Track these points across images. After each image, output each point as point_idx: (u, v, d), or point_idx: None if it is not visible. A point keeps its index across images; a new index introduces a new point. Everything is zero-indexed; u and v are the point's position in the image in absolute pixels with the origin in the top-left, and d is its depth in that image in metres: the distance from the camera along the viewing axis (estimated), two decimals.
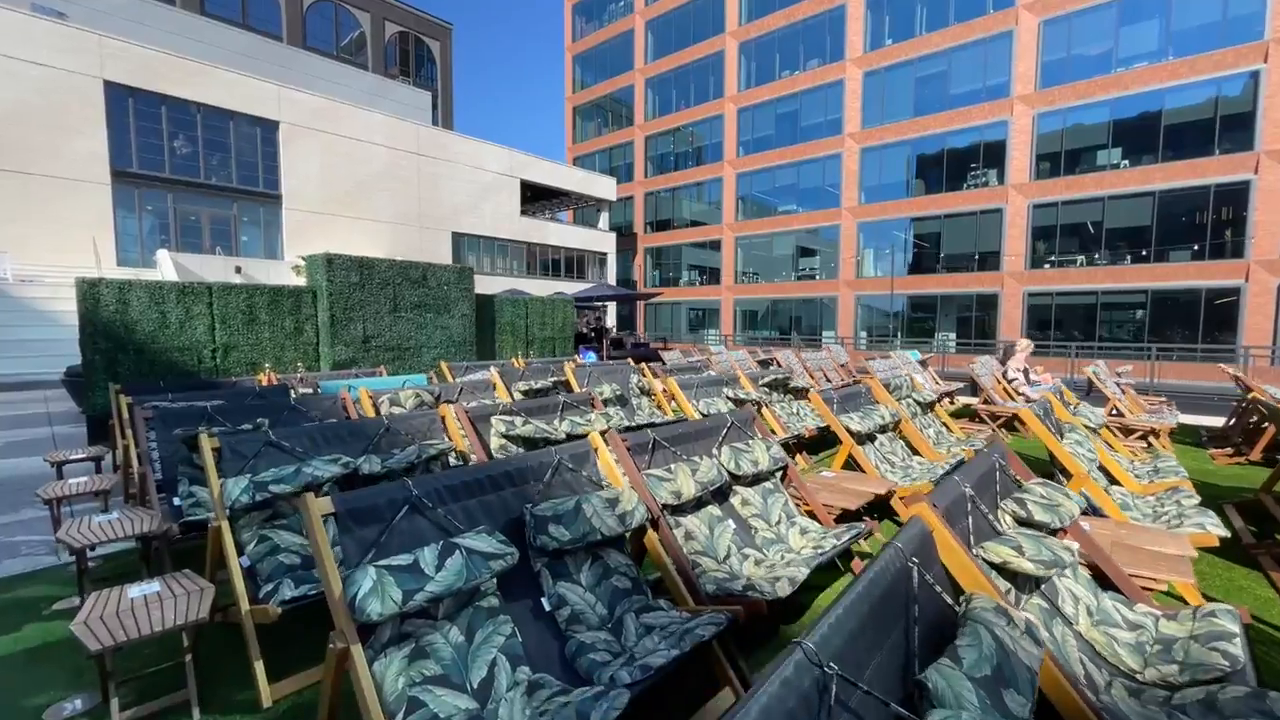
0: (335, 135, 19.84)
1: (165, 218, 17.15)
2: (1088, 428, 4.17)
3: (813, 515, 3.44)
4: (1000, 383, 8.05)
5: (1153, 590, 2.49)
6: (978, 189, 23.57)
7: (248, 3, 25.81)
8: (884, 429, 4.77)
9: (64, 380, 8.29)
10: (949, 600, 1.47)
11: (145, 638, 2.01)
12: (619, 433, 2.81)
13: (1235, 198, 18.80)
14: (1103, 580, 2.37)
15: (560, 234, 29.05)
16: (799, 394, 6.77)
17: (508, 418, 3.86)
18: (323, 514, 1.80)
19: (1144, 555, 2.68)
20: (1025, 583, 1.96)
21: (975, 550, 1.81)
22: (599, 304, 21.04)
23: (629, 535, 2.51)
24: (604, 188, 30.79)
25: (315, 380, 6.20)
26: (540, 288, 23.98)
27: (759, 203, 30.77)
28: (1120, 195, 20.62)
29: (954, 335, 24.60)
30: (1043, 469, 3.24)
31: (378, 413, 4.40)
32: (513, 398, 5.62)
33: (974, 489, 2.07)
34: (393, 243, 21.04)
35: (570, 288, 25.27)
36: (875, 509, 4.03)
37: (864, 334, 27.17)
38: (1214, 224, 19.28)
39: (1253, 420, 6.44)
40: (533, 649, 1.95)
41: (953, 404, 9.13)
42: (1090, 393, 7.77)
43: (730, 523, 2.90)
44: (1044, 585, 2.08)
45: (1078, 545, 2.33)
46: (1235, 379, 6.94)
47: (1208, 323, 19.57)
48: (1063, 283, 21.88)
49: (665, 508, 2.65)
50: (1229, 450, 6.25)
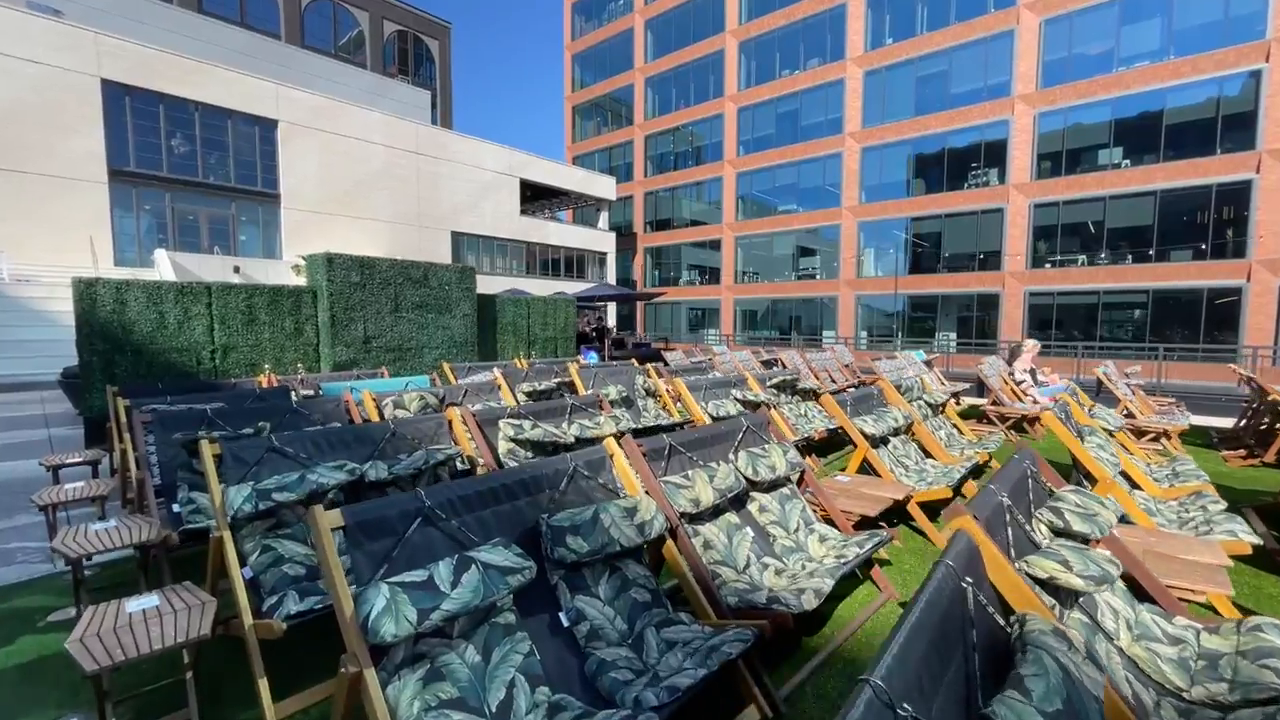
0: (334, 134, 19.70)
1: (163, 217, 16.99)
2: (1106, 430, 4.09)
3: (829, 521, 3.35)
4: (1007, 383, 7.97)
5: (1188, 602, 2.41)
6: (979, 188, 23.51)
7: (246, 1, 25.64)
8: (896, 432, 4.69)
9: (60, 381, 8.17)
10: (1000, 621, 1.38)
11: (144, 656, 1.92)
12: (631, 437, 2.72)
13: (1237, 197, 18.77)
14: (1137, 591, 2.29)
15: (560, 233, 28.93)
16: (807, 396, 6.68)
17: (516, 421, 3.77)
18: (332, 527, 1.71)
19: (1177, 564, 2.60)
20: (1067, 597, 1.87)
21: (1018, 564, 1.72)
22: (599, 304, 20.94)
23: (646, 545, 2.42)
24: (604, 187, 30.68)
25: (316, 382, 6.10)
26: (540, 287, 23.85)
27: (759, 202, 30.67)
28: (1121, 195, 20.57)
29: (954, 335, 24.55)
30: (1061, 473, 3.15)
31: (382, 416, 4.30)
32: (516, 400, 5.53)
33: (1010, 498, 1.99)
34: (392, 242, 20.91)
35: (570, 287, 25.13)
36: (888, 513, 3.94)
37: (864, 334, 27.11)
38: (1215, 223, 19.24)
39: (1265, 422, 6.38)
40: (552, 668, 1.86)
41: (959, 405, 9.05)
42: (1099, 394, 7.69)
43: (749, 531, 2.82)
44: (1082, 599, 2.00)
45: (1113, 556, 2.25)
46: (1248, 380, 6.87)
47: (1209, 323, 19.54)
48: (1064, 282, 21.83)
49: (683, 516, 2.56)
50: (1241, 452, 6.17)
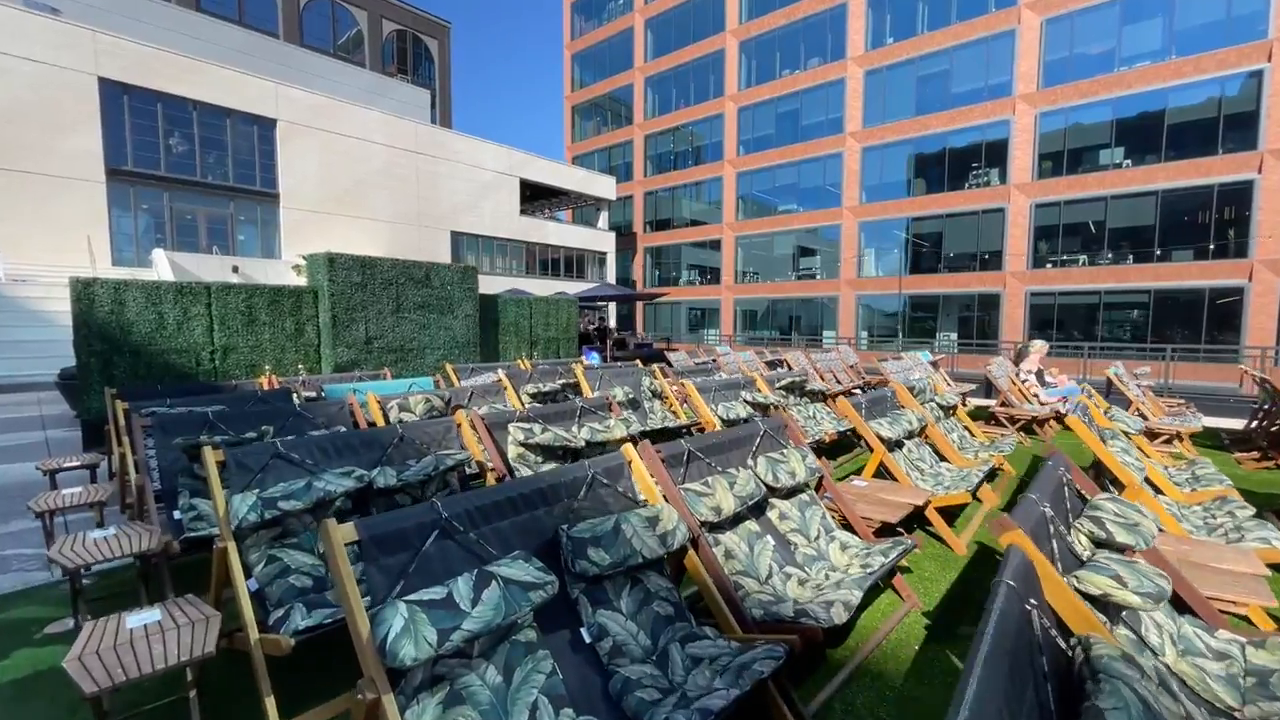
0: (333, 133, 19.58)
1: (161, 216, 16.86)
2: (1126, 433, 4.02)
3: (846, 527, 3.27)
4: (1016, 384, 7.90)
5: (1229, 614, 2.33)
6: (980, 188, 23.45)
7: None
8: (910, 435, 4.61)
9: (58, 383, 8.06)
10: (1063, 645, 1.30)
11: (146, 676, 1.83)
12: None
13: (1238, 197, 18.73)
14: (1175, 603, 2.21)
15: (560, 233, 28.83)
16: (815, 397, 6.60)
17: (525, 425, 3.68)
18: (346, 542, 1.62)
19: (1211, 574, 2.52)
20: (1114, 613, 1.79)
21: (1068, 579, 1.64)
22: (600, 304, 20.83)
23: (667, 555, 2.33)
24: (603, 187, 30.58)
25: (318, 383, 6.00)
26: (540, 287, 23.76)
27: (759, 202, 30.59)
28: (1123, 195, 20.53)
29: (955, 335, 24.49)
30: None
31: (387, 419, 4.21)
32: (521, 401, 5.44)
33: (1051, 508, 1.91)
34: (391, 242, 20.80)
35: (570, 287, 25.03)
36: (904, 518, 3.85)
37: (864, 334, 27.04)
38: (1217, 223, 19.19)
39: (1278, 424, 6.31)
40: (575, 687, 1.78)
41: (965, 406, 8.97)
42: (1109, 395, 7.62)
43: (769, 539, 2.73)
44: (1125, 613, 1.92)
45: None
46: (1261, 381, 6.80)
47: (1210, 323, 19.50)
48: (1065, 282, 21.78)
49: (704, 525, 2.47)
50: (1255, 454, 6.10)
